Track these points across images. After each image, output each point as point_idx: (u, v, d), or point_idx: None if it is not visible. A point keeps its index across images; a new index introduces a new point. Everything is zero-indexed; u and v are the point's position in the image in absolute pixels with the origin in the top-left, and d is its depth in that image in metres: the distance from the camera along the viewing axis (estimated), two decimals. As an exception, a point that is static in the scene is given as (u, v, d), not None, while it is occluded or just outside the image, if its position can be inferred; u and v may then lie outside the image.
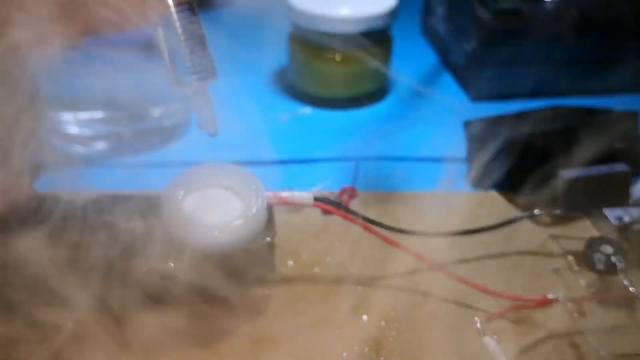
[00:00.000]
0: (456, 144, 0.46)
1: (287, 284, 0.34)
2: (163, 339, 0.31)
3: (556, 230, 0.39)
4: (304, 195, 0.33)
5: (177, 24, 0.26)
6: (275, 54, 0.58)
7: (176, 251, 0.31)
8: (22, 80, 0.28)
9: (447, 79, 0.58)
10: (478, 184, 0.43)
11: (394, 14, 0.50)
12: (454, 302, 0.34)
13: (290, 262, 0.36)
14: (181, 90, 0.28)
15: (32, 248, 0.30)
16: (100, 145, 0.45)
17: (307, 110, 0.52)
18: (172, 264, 0.31)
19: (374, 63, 0.51)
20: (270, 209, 0.33)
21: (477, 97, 0.54)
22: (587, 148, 0.38)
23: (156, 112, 0.46)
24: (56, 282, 0.29)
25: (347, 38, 0.49)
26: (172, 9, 0.26)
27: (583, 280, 0.35)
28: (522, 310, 0.33)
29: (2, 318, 0.31)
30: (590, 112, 0.42)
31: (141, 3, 0.26)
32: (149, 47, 0.27)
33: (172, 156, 0.45)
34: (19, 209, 0.32)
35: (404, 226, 0.37)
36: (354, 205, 0.41)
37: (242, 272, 0.33)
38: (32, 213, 0.32)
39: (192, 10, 0.26)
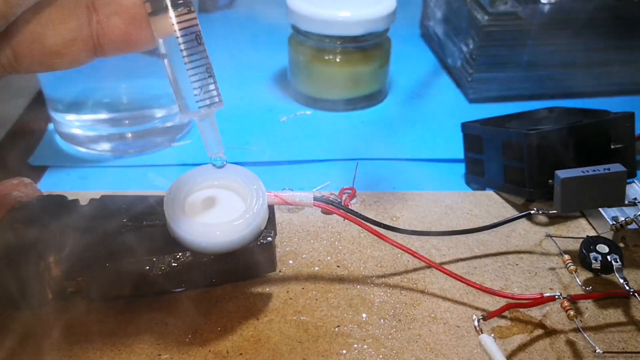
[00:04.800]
0: (454, 145, 0.47)
1: (287, 283, 0.35)
2: (163, 336, 0.31)
3: (553, 230, 0.40)
4: (304, 195, 0.33)
5: (184, 53, 0.26)
6: (275, 55, 0.58)
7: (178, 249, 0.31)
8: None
9: (446, 81, 0.58)
10: (475, 184, 0.44)
11: (393, 16, 0.51)
12: (451, 300, 0.34)
13: (291, 261, 0.36)
14: (188, 118, 0.28)
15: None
16: (104, 146, 0.46)
17: (307, 112, 0.52)
18: (174, 263, 0.31)
19: (373, 65, 0.51)
20: (270, 209, 0.33)
21: (475, 98, 0.54)
22: (584, 148, 0.39)
23: (159, 113, 0.46)
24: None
25: (346, 40, 0.50)
26: (180, 39, 0.26)
27: (579, 279, 0.35)
28: (519, 309, 0.33)
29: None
30: (587, 113, 0.42)
31: (149, 31, 0.26)
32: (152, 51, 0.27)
33: (174, 157, 0.46)
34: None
35: (402, 226, 0.38)
36: (354, 205, 0.41)
37: (243, 271, 0.34)
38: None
39: (198, 39, 0.27)
